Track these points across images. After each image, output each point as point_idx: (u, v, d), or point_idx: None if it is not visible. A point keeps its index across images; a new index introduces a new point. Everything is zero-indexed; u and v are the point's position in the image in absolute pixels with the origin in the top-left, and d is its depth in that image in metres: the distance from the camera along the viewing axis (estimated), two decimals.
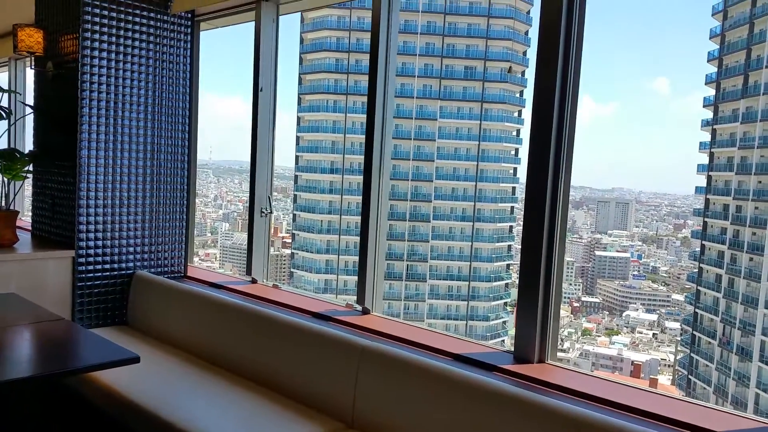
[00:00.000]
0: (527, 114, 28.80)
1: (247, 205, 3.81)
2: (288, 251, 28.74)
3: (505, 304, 27.69)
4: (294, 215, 28.88)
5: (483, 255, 27.29)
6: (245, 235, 3.90)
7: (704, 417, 1.94)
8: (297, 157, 28.91)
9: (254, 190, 3.74)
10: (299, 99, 29.21)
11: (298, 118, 29.09)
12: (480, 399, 2.08)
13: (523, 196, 2.45)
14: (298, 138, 28.88)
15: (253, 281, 3.78)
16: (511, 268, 27.70)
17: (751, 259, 21.86)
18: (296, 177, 28.87)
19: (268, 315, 2.93)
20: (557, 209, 2.37)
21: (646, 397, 2.13)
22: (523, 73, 28.04)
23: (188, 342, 3.24)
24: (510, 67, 27.71)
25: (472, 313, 27.20)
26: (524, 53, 28.12)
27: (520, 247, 2.47)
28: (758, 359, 20.90)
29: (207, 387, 2.77)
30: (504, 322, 27.52)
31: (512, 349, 2.49)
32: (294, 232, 28.78)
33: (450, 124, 27.93)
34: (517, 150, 28.36)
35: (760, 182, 21.88)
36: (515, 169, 28.07)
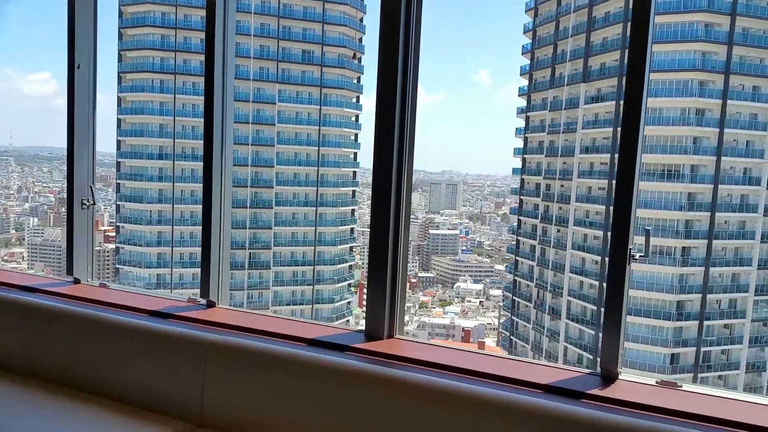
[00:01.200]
0: (365, 100, 29.53)
1: (61, 196, 3.37)
2: (112, 246, 26.19)
3: (350, 285, 28.35)
4: (117, 206, 26.36)
5: (327, 239, 27.56)
6: (59, 231, 3.46)
7: (524, 371, 2.19)
8: (119, 142, 26.39)
9: (73, 180, 3.31)
10: (119, 78, 26.59)
11: (119, 99, 26.51)
12: (333, 379, 2.12)
13: (364, 180, 2.50)
14: (119, 120, 26.35)
15: (76, 281, 3.36)
16: (354, 250, 28.36)
17: (558, 231, 24.85)
18: (118, 164, 26.34)
19: (95, 317, 2.67)
20: (402, 192, 2.46)
21: (476, 358, 2.34)
22: (360, 60, 28.55)
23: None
24: (354, 53, 28.06)
25: (318, 297, 27.44)
26: (360, 40, 28.63)
27: (362, 230, 2.52)
28: (566, 317, 23.94)
29: (26, 403, 2.46)
30: (348, 303, 28.19)
31: (363, 328, 2.55)
32: (118, 224, 26.27)
33: (290, 108, 27.58)
34: (356, 135, 28.91)
35: (564, 163, 24.85)
36: (355, 154, 28.60)
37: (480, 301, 32.01)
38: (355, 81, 28.70)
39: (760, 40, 20.88)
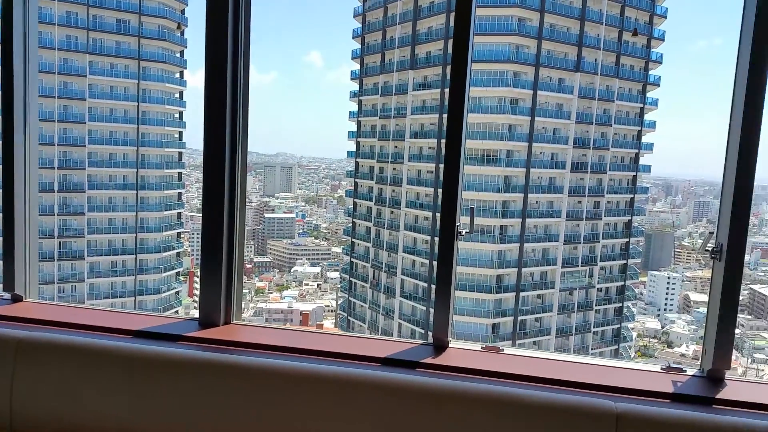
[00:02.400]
0: (189, 76, 27.86)
1: None
2: None
3: (178, 274, 26.86)
4: None
5: (150, 225, 25.74)
6: None
7: (362, 347, 2.30)
8: None
9: None
10: None
11: None
12: (164, 370, 2.02)
13: (192, 161, 2.39)
14: None
15: None
16: (182, 236, 26.88)
17: (392, 212, 26.03)
18: None
19: None
20: (236, 174, 2.39)
21: (314, 338, 2.41)
22: (183, 32, 26.82)
23: None
24: (178, 24, 26.17)
25: (141, 288, 25.59)
26: (183, 11, 26.89)
27: (191, 215, 2.42)
28: (400, 295, 25.26)
29: None
30: (177, 293, 26.73)
31: (197, 315, 2.46)
32: None
33: (103, 81, 25.06)
34: (181, 113, 27.25)
35: (396, 147, 25.98)
36: (181, 134, 26.99)
37: (318, 284, 32.47)
38: (177, 54, 26.95)
39: (565, 36, 23.71)
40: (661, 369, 2.24)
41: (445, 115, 2.23)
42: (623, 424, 1.84)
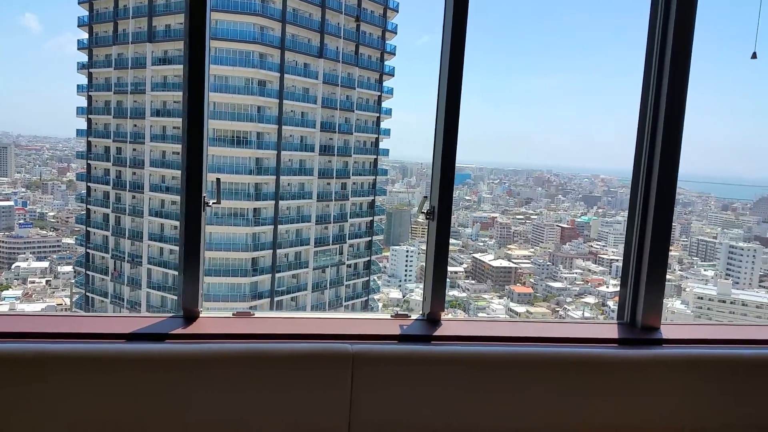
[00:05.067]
0: None
1: None
2: None
3: None
4: None
5: None
6: None
7: (107, 325, 2.24)
8: None
9: None
10: None
11: None
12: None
13: None
14: None
15: None
16: None
17: (133, 197, 24.08)
18: None
19: None
20: None
21: (48, 321, 2.29)
22: None
23: None
24: None
25: None
26: None
27: None
28: (146, 286, 23.63)
29: None
30: None
31: None
32: None
33: None
34: None
35: (135, 126, 24.02)
36: None
37: (47, 281, 28.36)
38: None
39: (308, 22, 24.52)
40: (391, 316, 2.62)
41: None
42: (359, 362, 2.18)
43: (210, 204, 2.32)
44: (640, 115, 2.72)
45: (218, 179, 2.55)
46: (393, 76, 27.83)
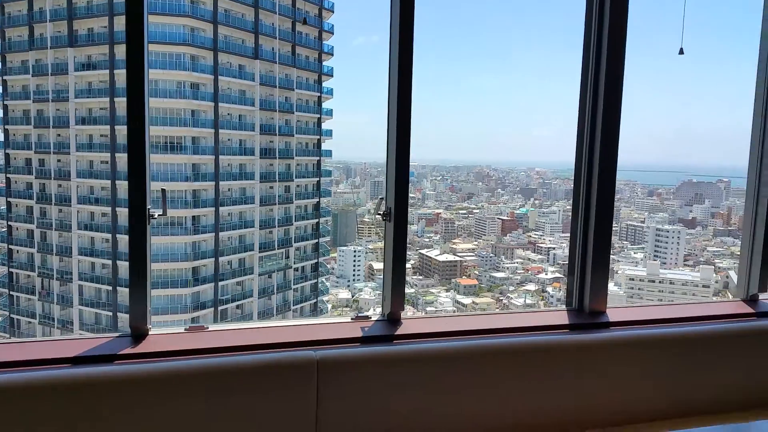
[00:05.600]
0: None
1: None
2: None
3: None
4: None
5: None
6: None
7: (49, 350, 2.13)
8: None
9: None
10: None
11: None
12: None
13: None
14: None
15: None
16: None
17: (60, 211, 22.96)
18: None
19: None
20: None
21: None
22: None
23: None
24: None
25: None
26: None
27: None
28: (78, 303, 22.60)
29: None
30: None
31: None
32: None
33: None
34: None
35: (59, 135, 22.92)
36: None
37: None
38: None
39: (241, 23, 24.09)
40: (352, 319, 2.64)
41: (117, 99, 2.16)
42: (323, 368, 2.16)
43: (155, 216, 2.23)
44: (579, 112, 2.84)
45: (163, 190, 2.45)
46: (332, 76, 27.75)
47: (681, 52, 3.14)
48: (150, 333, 2.30)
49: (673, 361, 2.71)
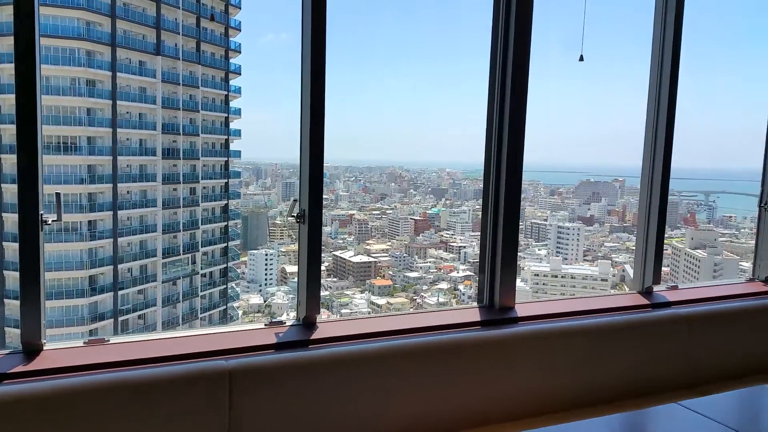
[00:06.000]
0: None
1: None
2: None
3: None
4: None
5: None
6: None
7: None
8: None
9: None
10: None
11: None
12: None
13: None
14: None
15: None
16: None
17: None
18: None
19: None
20: None
21: None
22: None
23: None
24: None
25: None
26: None
27: None
28: None
29: None
30: None
31: None
32: None
33: None
34: None
35: None
36: None
37: None
38: None
39: (142, 17, 23.00)
40: (265, 325, 2.62)
41: (2, 96, 2.01)
42: (236, 378, 2.11)
43: (49, 222, 2.09)
44: (487, 115, 2.98)
45: (58, 193, 2.30)
46: (240, 74, 27.10)
47: (581, 58, 3.31)
48: (45, 348, 2.16)
49: (578, 352, 2.84)
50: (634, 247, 3.78)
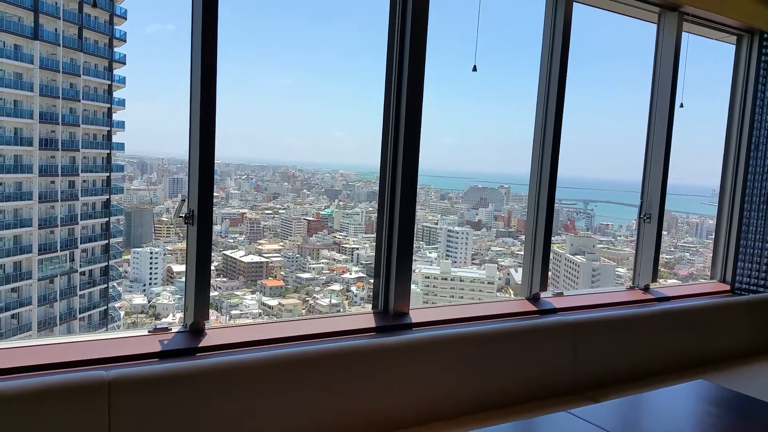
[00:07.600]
0: None
1: None
2: None
3: None
4: None
5: None
6: None
7: None
8: None
9: None
10: None
11: None
12: None
13: None
14: None
15: None
16: None
17: None
18: None
19: None
20: None
21: None
22: None
23: None
24: None
25: None
26: None
27: None
28: None
29: None
30: None
31: None
32: None
33: None
34: None
35: None
36: None
37: None
38: None
39: None
40: (149, 332, 2.48)
41: None
42: (116, 389, 1.97)
43: None
44: (383, 121, 2.98)
45: None
46: (124, 64, 26.50)
47: (474, 69, 3.29)
48: None
49: (470, 359, 2.83)
50: (519, 252, 4.41)
